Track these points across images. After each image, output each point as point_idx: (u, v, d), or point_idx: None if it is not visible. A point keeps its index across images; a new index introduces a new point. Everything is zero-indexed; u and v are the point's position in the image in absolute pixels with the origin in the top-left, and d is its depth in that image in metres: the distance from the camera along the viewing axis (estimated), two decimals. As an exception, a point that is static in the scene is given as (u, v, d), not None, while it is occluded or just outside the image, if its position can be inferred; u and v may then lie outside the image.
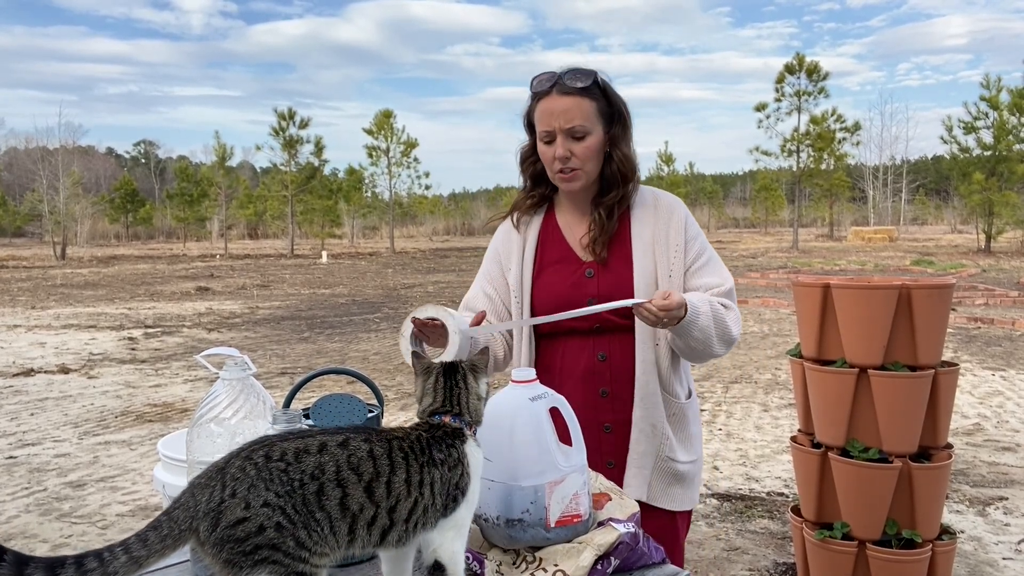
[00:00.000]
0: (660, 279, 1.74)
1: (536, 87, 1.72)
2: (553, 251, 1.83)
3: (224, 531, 0.96)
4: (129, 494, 4.64)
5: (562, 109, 1.68)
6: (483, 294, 1.88)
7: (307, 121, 37.13)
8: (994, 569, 3.49)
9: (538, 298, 1.81)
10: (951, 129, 29.37)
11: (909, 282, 2.65)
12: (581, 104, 1.68)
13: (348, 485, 1.01)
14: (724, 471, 4.89)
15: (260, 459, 1.00)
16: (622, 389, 1.75)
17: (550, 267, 1.81)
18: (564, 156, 1.70)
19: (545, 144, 1.73)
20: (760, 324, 11.39)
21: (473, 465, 1.13)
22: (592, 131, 1.70)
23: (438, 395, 1.17)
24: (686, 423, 1.81)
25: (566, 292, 1.77)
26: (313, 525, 0.99)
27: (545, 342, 1.82)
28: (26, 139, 62.80)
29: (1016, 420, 6.05)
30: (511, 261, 1.85)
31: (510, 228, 1.89)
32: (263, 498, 0.97)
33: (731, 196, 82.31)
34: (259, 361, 8.72)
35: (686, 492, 1.81)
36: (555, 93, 1.69)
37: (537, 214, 1.87)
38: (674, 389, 1.78)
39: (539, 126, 1.72)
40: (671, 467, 1.77)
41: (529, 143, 1.81)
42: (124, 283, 20.68)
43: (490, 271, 1.89)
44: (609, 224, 1.76)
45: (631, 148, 1.78)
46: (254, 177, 60.84)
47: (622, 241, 1.78)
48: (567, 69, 1.71)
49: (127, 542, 0.97)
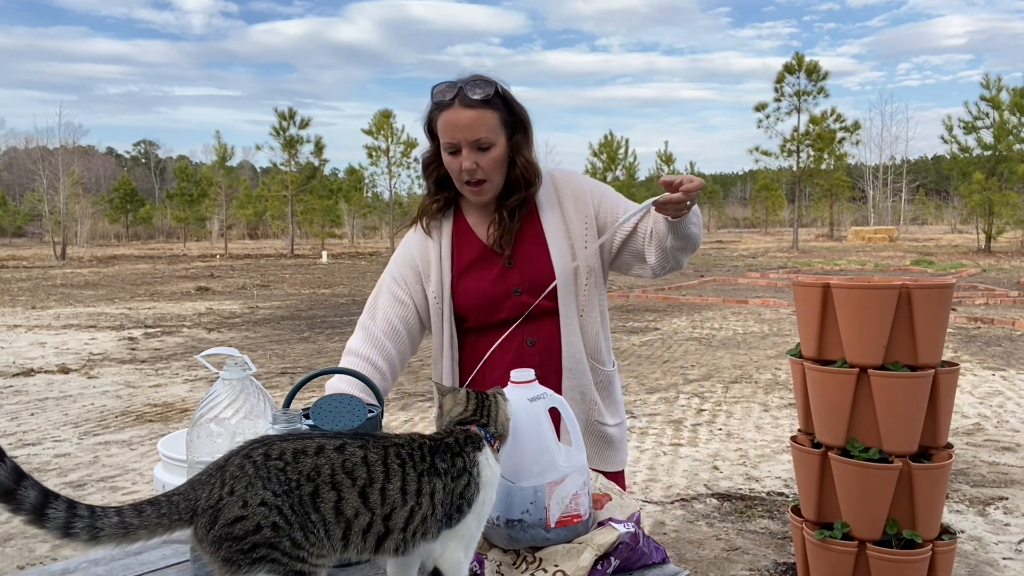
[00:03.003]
0: (577, 252, 1.81)
1: (437, 97, 1.72)
2: (469, 252, 1.85)
3: (222, 529, 0.96)
4: (129, 494, 4.64)
5: (466, 122, 1.69)
6: (395, 300, 1.86)
7: (307, 121, 37.16)
8: (994, 569, 3.49)
9: (460, 301, 1.83)
10: (951, 129, 29.40)
11: (909, 282, 2.65)
12: (484, 116, 1.70)
13: (343, 489, 1.01)
14: (724, 471, 4.89)
15: (259, 457, 1.00)
16: (551, 367, 1.82)
17: (469, 268, 1.84)
18: (471, 168, 1.73)
19: (450, 155, 1.74)
20: (760, 324, 11.39)
21: (484, 477, 1.12)
22: (496, 142, 1.73)
23: (469, 405, 1.18)
24: (612, 389, 1.91)
25: (489, 288, 1.81)
26: (309, 527, 0.99)
27: (472, 337, 1.86)
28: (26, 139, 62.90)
29: (1016, 420, 6.05)
30: (430, 268, 1.85)
31: (423, 235, 1.89)
32: (260, 497, 0.97)
33: (731, 196, 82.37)
34: (259, 361, 8.73)
35: (616, 454, 1.92)
36: (458, 105, 1.69)
37: (446, 218, 1.88)
38: (601, 357, 1.87)
39: (443, 137, 1.73)
40: (601, 430, 1.88)
41: (431, 149, 1.83)
42: (124, 283, 20.69)
43: (404, 276, 1.87)
44: (512, 224, 1.81)
45: (533, 153, 1.83)
46: (254, 177, 60.84)
47: (534, 230, 1.83)
48: (468, 79, 1.71)
49: (121, 508, 0.97)
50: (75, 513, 0.93)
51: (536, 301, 1.79)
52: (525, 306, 1.79)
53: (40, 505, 0.92)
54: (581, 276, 1.81)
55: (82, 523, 0.93)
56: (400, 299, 1.85)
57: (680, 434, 5.73)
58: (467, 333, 1.87)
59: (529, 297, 1.79)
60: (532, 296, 1.79)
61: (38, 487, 0.93)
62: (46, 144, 44.55)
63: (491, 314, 1.81)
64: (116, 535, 0.95)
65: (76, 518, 0.93)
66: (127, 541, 0.96)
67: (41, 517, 0.92)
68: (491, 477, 1.13)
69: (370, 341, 1.82)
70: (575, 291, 1.81)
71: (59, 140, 44.06)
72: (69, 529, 0.92)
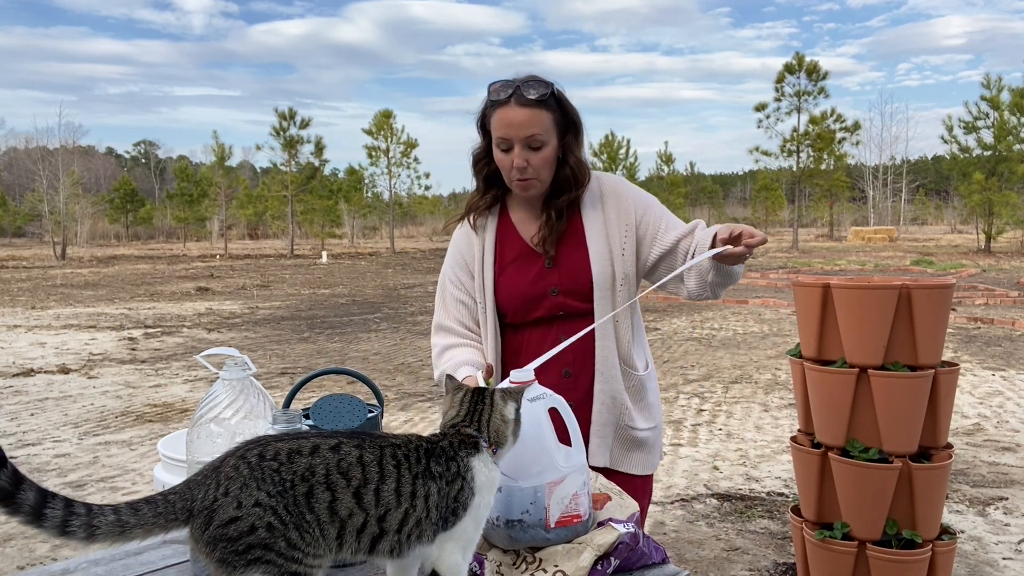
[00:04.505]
0: (615, 258, 1.84)
1: (493, 95, 1.76)
2: (512, 250, 1.90)
3: (216, 530, 0.96)
4: (129, 494, 4.63)
5: (521, 121, 1.73)
6: (458, 302, 1.93)
7: (308, 121, 37.13)
8: (994, 569, 3.49)
9: (501, 297, 1.88)
10: (951, 129, 29.39)
11: (909, 282, 2.65)
12: (539, 116, 1.74)
13: (337, 489, 1.01)
14: (724, 471, 4.89)
15: (254, 458, 1.00)
16: (583, 368, 1.86)
17: (511, 266, 1.88)
18: (522, 166, 1.76)
19: (502, 152, 1.78)
20: (760, 324, 11.39)
21: (480, 481, 1.11)
22: (548, 141, 1.77)
23: (462, 409, 1.18)
24: (644, 393, 1.92)
25: (527, 288, 1.85)
26: (304, 527, 0.99)
27: (510, 332, 1.91)
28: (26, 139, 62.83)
29: (1016, 420, 6.05)
30: (474, 265, 1.91)
31: (469, 231, 1.94)
32: (255, 498, 0.97)
33: (731, 196, 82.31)
34: (259, 361, 8.72)
35: (647, 457, 1.92)
36: (513, 103, 1.73)
37: (492, 215, 1.93)
38: (633, 363, 1.89)
39: (496, 133, 1.76)
40: (631, 434, 1.88)
41: (482, 145, 1.87)
42: (124, 283, 20.68)
43: (458, 277, 1.94)
44: (559, 224, 1.85)
45: (583, 154, 1.87)
46: (254, 177, 60.81)
47: (576, 230, 1.87)
48: (524, 78, 1.75)
49: (117, 506, 0.97)
50: (72, 512, 0.93)
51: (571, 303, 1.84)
52: (561, 306, 1.84)
53: (38, 506, 0.92)
54: (617, 281, 1.84)
55: (79, 521, 0.93)
56: (462, 300, 1.93)
57: (680, 434, 5.73)
58: (506, 328, 1.92)
59: (565, 298, 1.84)
60: (568, 297, 1.84)
61: (35, 488, 0.93)
62: (46, 144, 44.56)
63: (528, 312, 1.86)
64: (112, 533, 0.95)
65: (73, 516, 0.93)
66: (124, 539, 0.96)
67: (39, 517, 0.92)
68: (487, 481, 1.13)
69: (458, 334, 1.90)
70: (612, 295, 1.84)
71: (59, 140, 44.03)
72: (66, 528, 0.93)
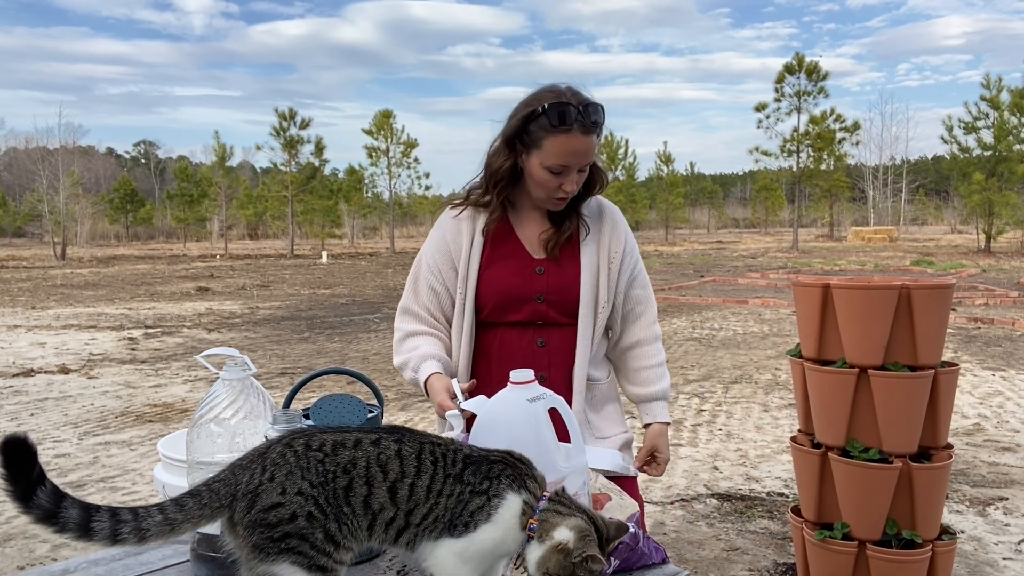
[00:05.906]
0: (600, 277, 1.83)
1: (557, 120, 1.66)
2: (504, 247, 1.85)
3: (258, 514, 0.97)
4: (129, 494, 4.63)
5: (584, 149, 1.70)
6: (430, 289, 1.87)
7: (308, 121, 37.12)
8: (994, 569, 3.49)
9: (483, 291, 1.83)
10: (951, 129, 29.38)
11: (909, 282, 2.65)
12: (595, 141, 1.72)
13: (374, 483, 1.02)
14: (724, 471, 4.88)
15: (300, 447, 1.02)
16: (559, 374, 1.82)
17: (499, 262, 1.83)
18: (574, 192, 1.75)
19: (552, 174, 1.72)
20: (760, 324, 11.39)
21: (500, 515, 1.07)
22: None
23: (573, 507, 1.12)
24: (605, 403, 1.92)
25: (512, 286, 1.80)
26: (343, 519, 1.00)
27: (481, 330, 1.86)
28: (26, 139, 62.82)
29: (1016, 420, 6.05)
30: (460, 253, 1.85)
31: (460, 219, 1.87)
32: (298, 486, 0.99)
33: (731, 196, 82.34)
34: (259, 361, 8.72)
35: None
36: (578, 131, 1.67)
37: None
38: (595, 375, 1.89)
39: (554, 160, 1.69)
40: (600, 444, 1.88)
41: (509, 163, 1.77)
42: (124, 283, 20.68)
43: (437, 264, 1.86)
44: (568, 225, 1.83)
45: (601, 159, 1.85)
46: (254, 177, 60.79)
47: (571, 242, 1.85)
48: (586, 102, 1.69)
49: (162, 505, 0.97)
50: (119, 520, 0.94)
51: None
52: (543, 315, 1.81)
53: (84, 521, 0.93)
54: (600, 303, 1.84)
55: (128, 528, 0.94)
56: (434, 288, 1.87)
57: (680, 434, 5.73)
58: (479, 326, 1.86)
59: (549, 308, 1.81)
60: (552, 308, 1.81)
61: (78, 504, 0.93)
62: (46, 144, 44.50)
63: (505, 312, 1.81)
64: (163, 533, 0.96)
65: (121, 524, 0.94)
66: (173, 536, 0.97)
67: (88, 532, 0.92)
68: (505, 523, 1.08)
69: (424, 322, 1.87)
70: (594, 313, 1.83)
71: (59, 140, 43.96)
72: (117, 536, 0.93)
